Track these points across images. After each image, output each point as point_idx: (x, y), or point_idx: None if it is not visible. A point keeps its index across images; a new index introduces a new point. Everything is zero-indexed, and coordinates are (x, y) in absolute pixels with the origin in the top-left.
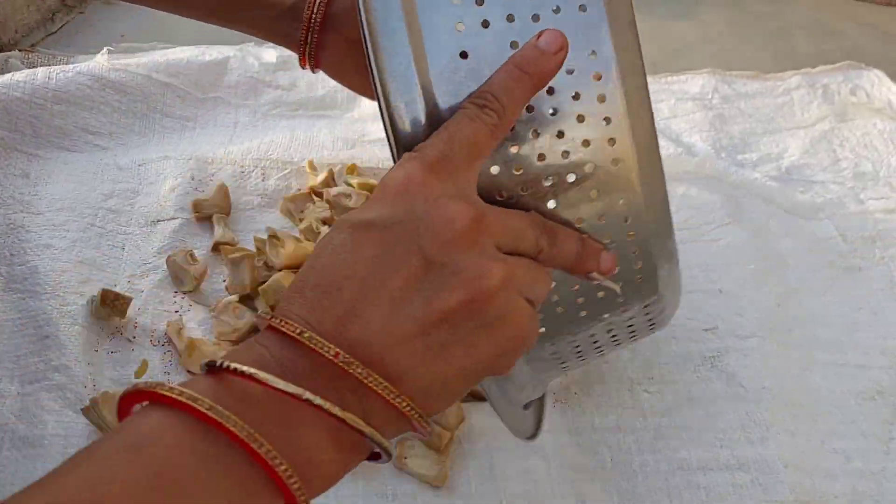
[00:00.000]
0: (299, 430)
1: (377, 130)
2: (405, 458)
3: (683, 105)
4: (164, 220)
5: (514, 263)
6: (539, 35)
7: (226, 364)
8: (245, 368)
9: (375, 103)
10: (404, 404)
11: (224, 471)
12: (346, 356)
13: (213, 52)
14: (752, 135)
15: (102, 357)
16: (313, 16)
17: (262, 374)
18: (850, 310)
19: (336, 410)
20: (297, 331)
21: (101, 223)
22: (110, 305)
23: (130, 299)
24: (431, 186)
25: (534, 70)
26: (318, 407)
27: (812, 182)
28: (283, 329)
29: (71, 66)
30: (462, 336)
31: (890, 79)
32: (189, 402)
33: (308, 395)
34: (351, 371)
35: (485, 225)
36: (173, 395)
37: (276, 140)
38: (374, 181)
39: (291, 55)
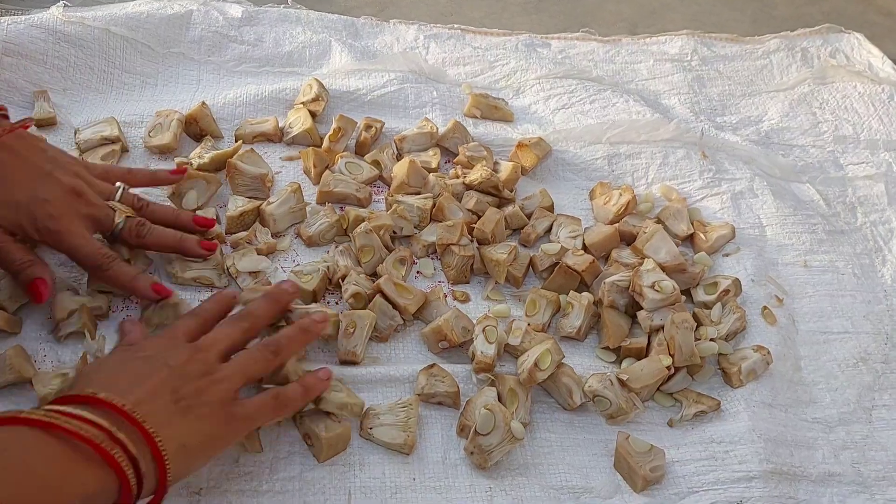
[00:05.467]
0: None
1: (345, 86)
2: (370, 428)
3: (662, 66)
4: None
5: (234, 361)
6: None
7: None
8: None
9: (345, 60)
10: (154, 437)
11: (60, 455)
12: (131, 405)
13: (175, 6)
14: (731, 97)
15: None
16: None
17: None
18: (834, 275)
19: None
20: (96, 392)
21: None
22: None
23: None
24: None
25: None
26: (102, 428)
27: (792, 146)
28: (87, 394)
29: (23, 17)
30: (196, 410)
31: (870, 42)
32: (28, 417)
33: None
34: (135, 415)
35: (203, 347)
36: (18, 416)
37: (241, 96)
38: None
39: (258, 10)
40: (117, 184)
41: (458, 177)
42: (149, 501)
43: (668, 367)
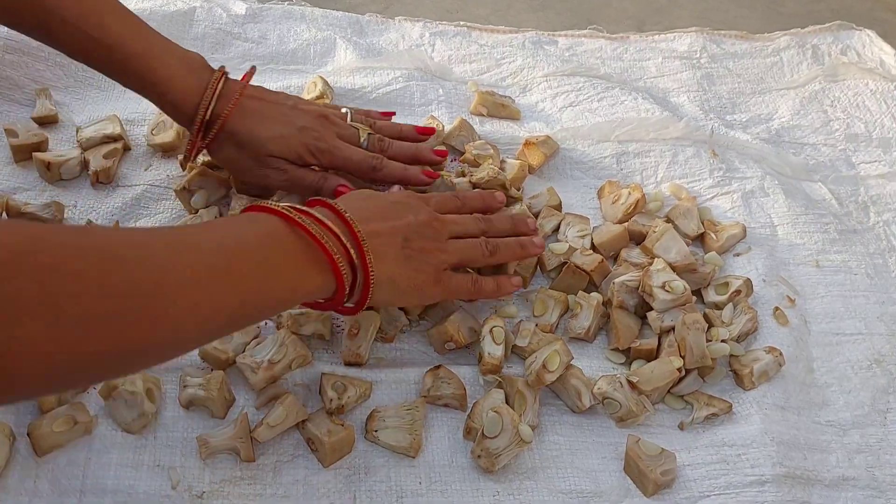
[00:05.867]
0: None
1: (350, 83)
2: (376, 430)
3: (671, 64)
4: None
5: (458, 242)
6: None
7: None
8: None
9: (349, 57)
10: (370, 265)
11: (300, 252)
12: (365, 233)
13: (178, 3)
14: (740, 95)
15: None
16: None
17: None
18: (846, 276)
19: (350, 246)
20: (345, 211)
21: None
22: None
23: None
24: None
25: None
26: (340, 241)
27: (803, 144)
28: (337, 208)
29: None
30: (415, 262)
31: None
32: (285, 212)
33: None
34: (359, 236)
35: (443, 221)
36: (277, 208)
37: None
38: None
39: (261, 6)
40: (343, 109)
41: (463, 175)
42: (348, 308)
43: (679, 369)
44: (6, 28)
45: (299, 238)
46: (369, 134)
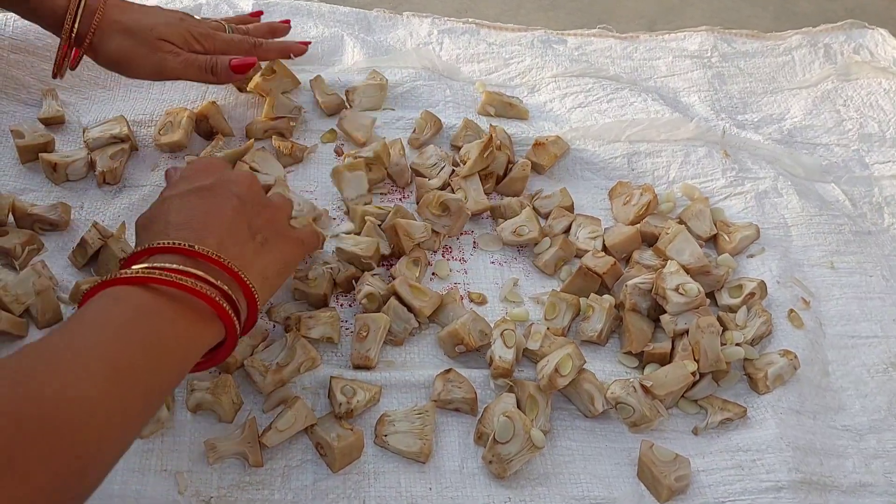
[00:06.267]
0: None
1: (358, 81)
2: (385, 435)
3: (681, 63)
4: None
5: (274, 196)
6: None
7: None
8: (165, 264)
9: (357, 56)
10: (248, 283)
11: (182, 312)
12: (217, 252)
13: None
14: (752, 94)
15: None
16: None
17: (176, 266)
18: (861, 277)
19: (221, 284)
20: (183, 244)
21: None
22: None
23: None
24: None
25: None
26: (210, 283)
27: (816, 144)
28: (177, 246)
29: None
30: (271, 241)
31: (894, 37)
32: (143, 276)
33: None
34: (222, 260)
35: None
36: (131, 276)
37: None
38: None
39: (268, 1)
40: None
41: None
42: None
43: (693, 373)
44: (11, 28)
45: (168, 298)
46: (226, 22)
